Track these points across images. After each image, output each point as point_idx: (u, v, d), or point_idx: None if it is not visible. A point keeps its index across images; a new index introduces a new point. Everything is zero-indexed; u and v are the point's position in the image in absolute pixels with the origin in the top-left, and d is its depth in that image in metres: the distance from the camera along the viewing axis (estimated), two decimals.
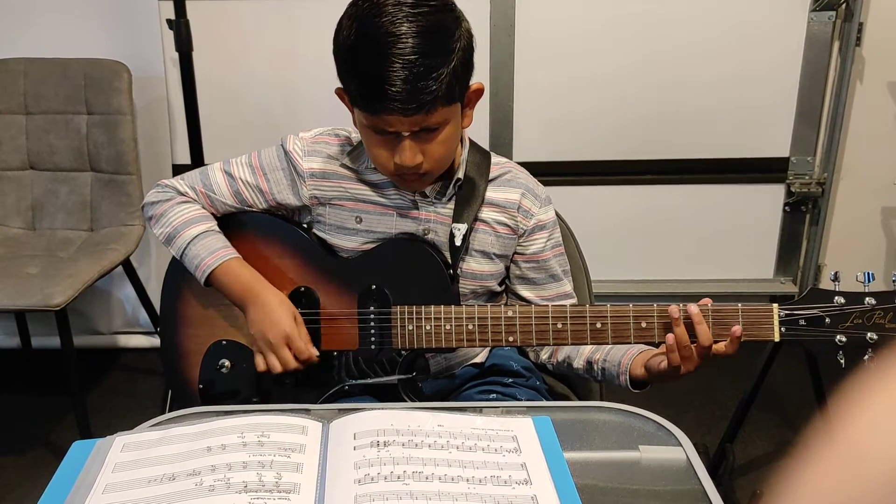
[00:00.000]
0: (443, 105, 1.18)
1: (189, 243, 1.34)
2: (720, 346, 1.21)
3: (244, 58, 2.56)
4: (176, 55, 2.24)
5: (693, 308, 1.21)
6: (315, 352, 1.30)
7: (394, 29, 1.14)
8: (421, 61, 1.13)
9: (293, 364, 1.28)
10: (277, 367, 1.29)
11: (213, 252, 1.33)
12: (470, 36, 1.22)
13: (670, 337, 1.20)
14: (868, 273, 1.17)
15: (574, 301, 1.43)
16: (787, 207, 2.71)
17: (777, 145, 2.64)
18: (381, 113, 1.17)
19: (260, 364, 1.31)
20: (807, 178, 2.66)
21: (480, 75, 1.27)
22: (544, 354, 1.44)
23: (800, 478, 0.42)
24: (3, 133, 2.45)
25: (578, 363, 1.39)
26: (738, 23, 2.50)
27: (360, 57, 1.16)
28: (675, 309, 1.21)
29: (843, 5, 2.47)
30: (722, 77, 2.55)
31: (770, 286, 2.79)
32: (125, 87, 2.36)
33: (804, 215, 2.73)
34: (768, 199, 2.71)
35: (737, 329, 1.20)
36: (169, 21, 2.21)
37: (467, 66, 1.21)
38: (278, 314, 1.29)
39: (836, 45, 2.53)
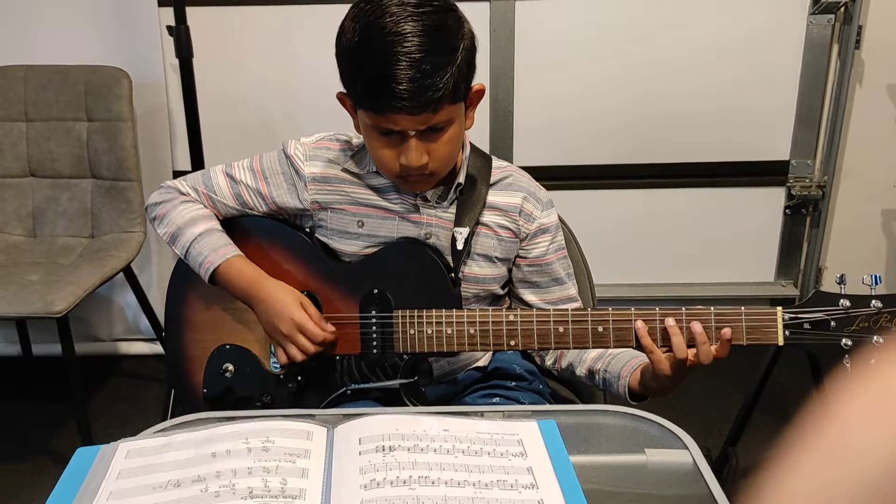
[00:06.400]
0: (448, 103, 1.18)
1: (192, 241, 1.34)
2: (712, 350, 1.20)
3: (244, 64, 2.56)
4: (176, 61, 2.24)
5: (669, 321, 1.20)
6: (330, 328, 1.29)
7: (398, 28, 1.14)
8: (427, 59, 1.14)
9: (311, 348, 1.28)
10: (297, 355, 1.28)
11: (216, 249, 1.33)
12: (472, 36, 1.22)
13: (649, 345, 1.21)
14: (875, 276, 1.16)
15: (578, 304, 1.42)
16: (787, 210, 2.71)
17: (777, 148, 2.64)
18: (388, 112, 1.17)
19: (281, 357, 1.30)
20: (807, 180, 2.66)
21: (480, 80, 1.27)
22: (549, 360, 1.44)
23: (786, 473, 0.42)
24: (3, 140, 2.44)
25: (580, 371, 1.38)
26: (738, 27, 2.51)
27: (366, 57, 1.16)
28: (671, 319, 1.21)
29: (843, 8, 2.48)
30: (722, 81, 2.56)
31: (771, 289, 2.80)
32: (125, 93, 2.36)
33: (805, 218, 2.73)
34: (769, 202, 2.71)
35: (727, 332, 1.18)
36: (169, 27, 2.21)
37: (471, 66, 1.22)
38: (284, 303, 1.29)
39: (836, 47, 2.54)
